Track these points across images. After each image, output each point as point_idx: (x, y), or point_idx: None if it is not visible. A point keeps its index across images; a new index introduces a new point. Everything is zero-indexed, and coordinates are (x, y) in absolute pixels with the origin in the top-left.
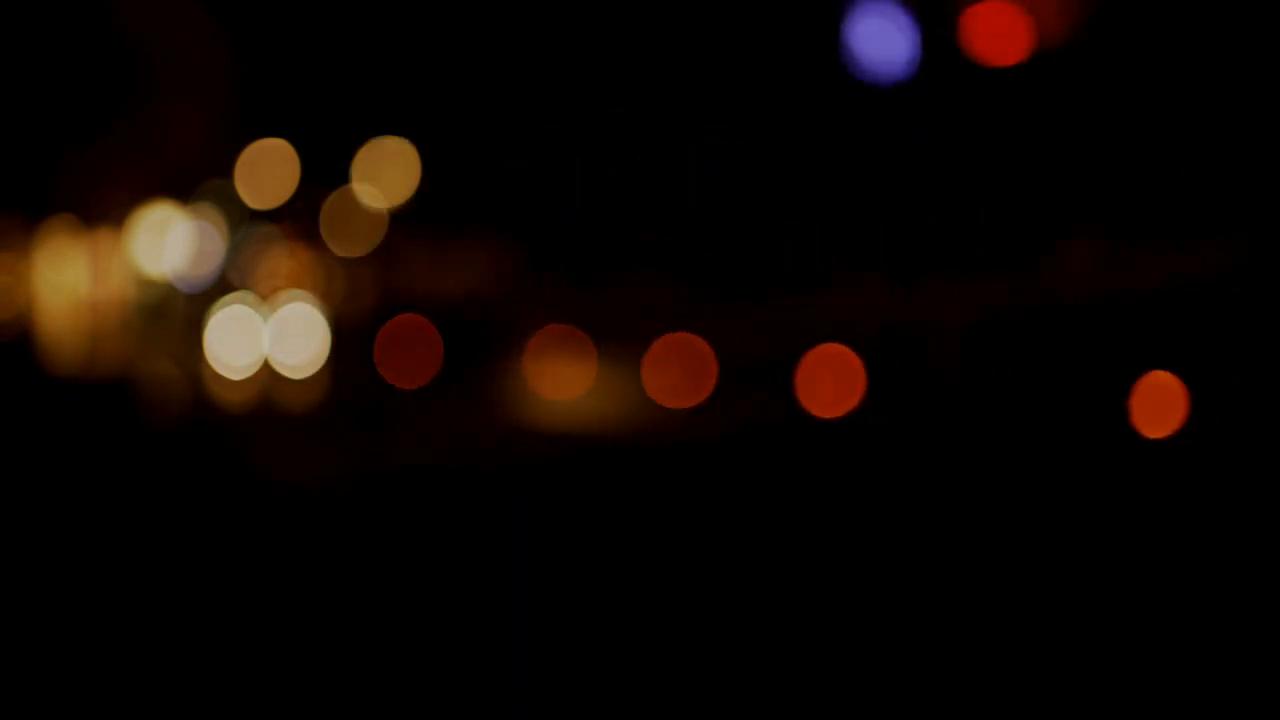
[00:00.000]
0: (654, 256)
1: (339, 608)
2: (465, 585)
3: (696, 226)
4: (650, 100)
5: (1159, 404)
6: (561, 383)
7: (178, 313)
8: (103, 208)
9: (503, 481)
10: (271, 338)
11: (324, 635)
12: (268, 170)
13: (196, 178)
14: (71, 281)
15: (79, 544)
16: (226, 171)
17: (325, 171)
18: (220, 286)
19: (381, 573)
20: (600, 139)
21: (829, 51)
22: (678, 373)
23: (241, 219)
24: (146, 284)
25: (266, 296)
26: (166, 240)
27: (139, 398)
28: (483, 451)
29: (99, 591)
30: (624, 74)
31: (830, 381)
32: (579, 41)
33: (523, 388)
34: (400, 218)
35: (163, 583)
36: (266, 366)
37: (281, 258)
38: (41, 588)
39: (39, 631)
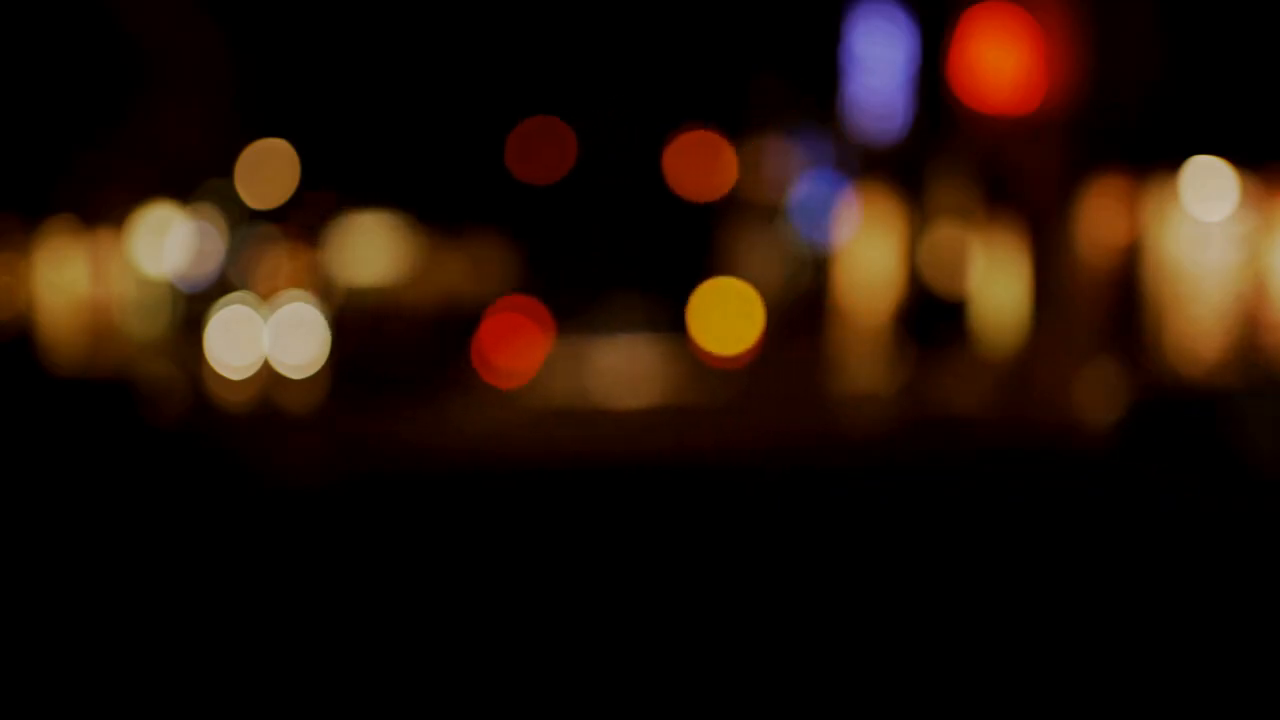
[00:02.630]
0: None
1: (338, 606)
2: (464, 585)
3: None
4: None
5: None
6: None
7: (178, 313)
8: (103, 208)
9: (502, 482)
10: (271, 338)
11: (323, 634)
12: (268, 170)
13: (196, 178)
14: (71, 281)
15: (79, 543)
16: (226, 171)
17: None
18: (220, 286)
19: (380, 572)
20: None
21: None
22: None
23: (241, 219)
24: (146, 284)
25: (266, 296)
26: (166, 240)
27: (139, 398)
28: (483, 452)
29: (99, 590)
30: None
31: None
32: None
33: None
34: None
35: (163, 581)
36: (266, 366)
37: (281, 258)
38: (41, 586)
39: (39, 630)
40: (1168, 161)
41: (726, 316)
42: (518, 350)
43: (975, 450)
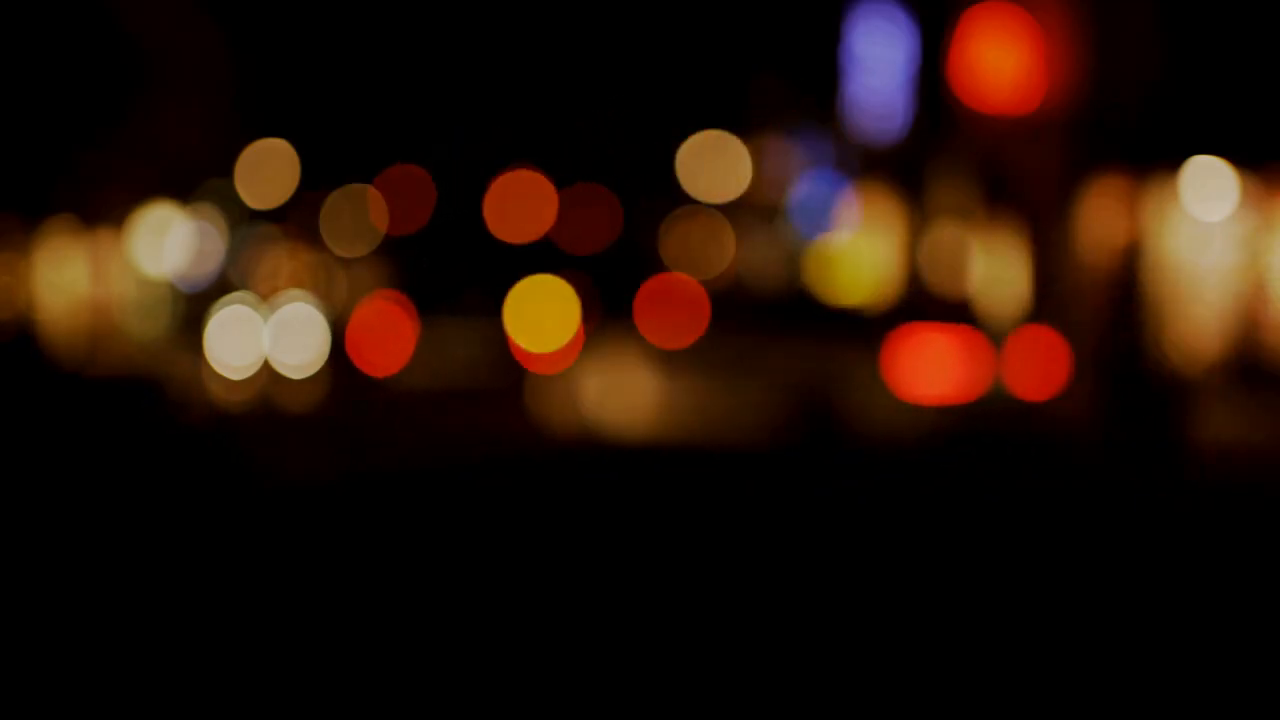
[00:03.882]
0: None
1: (337, 605)
2: (463, 583)
3: None
4: None
5: None
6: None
7: (178, 313)
8: (103, 208)
9: (500, 480)
10: (271, 338)
11: (322, 633)
12: (268, 170)
13: (196, 178)
14: (71, 281)
15: (81, 542)
16: (226, 171)
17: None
18: (220, 286)
19: (379, 571)
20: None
21: None
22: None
23: (241, 219)
24: (146, 284)
25: (266, 296)
26: (166, 240)
27: (140, 397)
28: (480, 451)
29: (99, 588)
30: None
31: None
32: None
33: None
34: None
35: (163, 580)
36: (266, 366)
37: (281, 258)
38: (43, 585)
39: (40, 629)
40: (1168, 161)
41: (543, 315)
42: (388, 341)
43: None
